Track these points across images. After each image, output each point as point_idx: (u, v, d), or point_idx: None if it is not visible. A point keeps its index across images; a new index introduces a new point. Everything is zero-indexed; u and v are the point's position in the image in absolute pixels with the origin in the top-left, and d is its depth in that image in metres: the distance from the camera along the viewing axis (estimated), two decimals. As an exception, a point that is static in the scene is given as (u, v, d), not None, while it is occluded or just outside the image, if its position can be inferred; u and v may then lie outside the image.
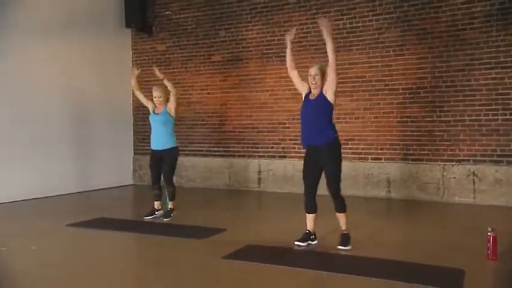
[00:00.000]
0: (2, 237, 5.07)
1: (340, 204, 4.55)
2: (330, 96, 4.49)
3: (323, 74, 4.51)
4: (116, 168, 9.12)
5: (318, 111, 4.53)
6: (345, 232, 4.56)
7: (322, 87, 4.54)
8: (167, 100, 5.98)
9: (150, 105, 6.11)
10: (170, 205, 5.89)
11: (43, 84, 7.74)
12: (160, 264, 4.16)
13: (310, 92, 4.65)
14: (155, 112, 6.01)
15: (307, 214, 4.68)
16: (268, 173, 8.35)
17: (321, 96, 4.52)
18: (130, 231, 5.41)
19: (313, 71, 4.53)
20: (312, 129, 4.56)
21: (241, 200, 7.40)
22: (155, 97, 5.94)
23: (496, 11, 6.75)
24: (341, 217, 4.57)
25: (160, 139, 5.93)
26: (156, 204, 5.98)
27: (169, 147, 5.92)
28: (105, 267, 4.05)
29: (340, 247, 4.45)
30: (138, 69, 6.35)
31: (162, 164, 5.96)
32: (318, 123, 4.53)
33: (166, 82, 5.96)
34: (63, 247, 4.79)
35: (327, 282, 3.66)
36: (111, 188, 8.81)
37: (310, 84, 4.59)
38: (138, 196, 8.53)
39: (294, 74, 4.77)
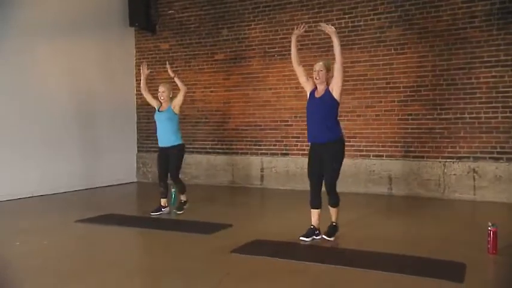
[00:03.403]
0: (13, 233, 5.17)
1: (335, 200, 4.69)
2: (336, 93, 4.53)
3: (328, 70, 4.57)
4: (120, 165, 9.22)
5: (323, 108, 4.58)
6: (334, 224, 4.71)
7: (328, 84, 4.59)
8: (171, 97, 6.06)
9: (155, 104, 6.21)
10: (183, 197, 5.94)
11: (48, 83, 7.82)
12: (169, 258, 4.26)
13: (315, 89, 4.69)
14: (160, 110, 6.10)
15: (312, 210, 4.77)
16: (270, 170, 8.45)
17: (327, 93, 4.57)
18: (138, 227, 5.52)
19: (318, 66, 4.58)
20: (317, 127, 4.61)
21: (245, 197, 7.50)
22: (159, 92, 6.04)
23: (496, 10, 6.84)
24: (333, 211, 4.73)
25: (165, 136, 6.01)
26: (163, 201, 6.07)
27: (175, 144, 6.01)
28: (116, 262, 4.15)
29: (324, 237, 4.61)
30: (148, 69, 6.30)
31: (169, 161, 6.04)
32: (323, 121, 4.57)
33: (177, 80, 6.04)
34: (74, 242, 4.89)
35: (333, 276, 3.75)
36: (115, 185, 8.91)
37: (314, 79, 4.63)
38: (142, 193, 8.63)
39: (299, 70, 4.77)
